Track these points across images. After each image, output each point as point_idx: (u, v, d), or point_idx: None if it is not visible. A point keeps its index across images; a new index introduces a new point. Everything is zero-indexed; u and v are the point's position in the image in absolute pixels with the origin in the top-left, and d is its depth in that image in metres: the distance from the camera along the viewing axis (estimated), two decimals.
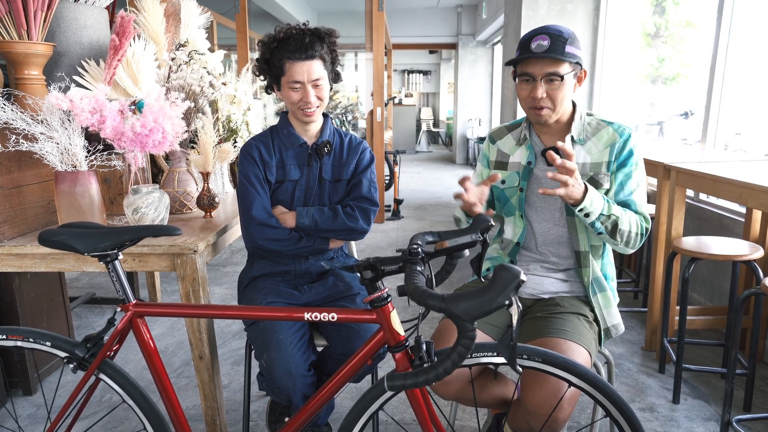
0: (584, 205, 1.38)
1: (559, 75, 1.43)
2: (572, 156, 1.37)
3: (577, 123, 1.55)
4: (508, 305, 0.85)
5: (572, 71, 1.46)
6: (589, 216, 1.41)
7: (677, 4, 5.78)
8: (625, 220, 1.45)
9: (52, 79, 1.82)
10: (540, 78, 1.45)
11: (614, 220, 1.43)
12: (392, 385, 0.98)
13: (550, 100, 1.47)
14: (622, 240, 1.46)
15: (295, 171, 1.72)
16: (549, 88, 1.46)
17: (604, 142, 1.53)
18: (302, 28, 1.62)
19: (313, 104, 1.62)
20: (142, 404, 1.30)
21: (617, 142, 1.51)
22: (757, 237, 2.54)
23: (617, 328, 1.57)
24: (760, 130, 3.60)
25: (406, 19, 9.96)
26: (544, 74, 1.44)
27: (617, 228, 1.44)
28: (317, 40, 1.60)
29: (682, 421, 2.08)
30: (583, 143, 1.55)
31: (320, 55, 1.61)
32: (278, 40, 1.60)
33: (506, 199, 1.64)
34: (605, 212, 1.42)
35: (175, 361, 2.60)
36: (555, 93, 1.46)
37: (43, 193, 1.80)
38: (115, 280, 1.26)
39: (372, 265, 1.11)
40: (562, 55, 1.42)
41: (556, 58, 1.42)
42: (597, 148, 1.53)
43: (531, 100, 1.49)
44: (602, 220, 1.43)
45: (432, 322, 2.92)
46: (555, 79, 1.44)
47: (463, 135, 10.54)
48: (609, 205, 1.43)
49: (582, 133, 1.55)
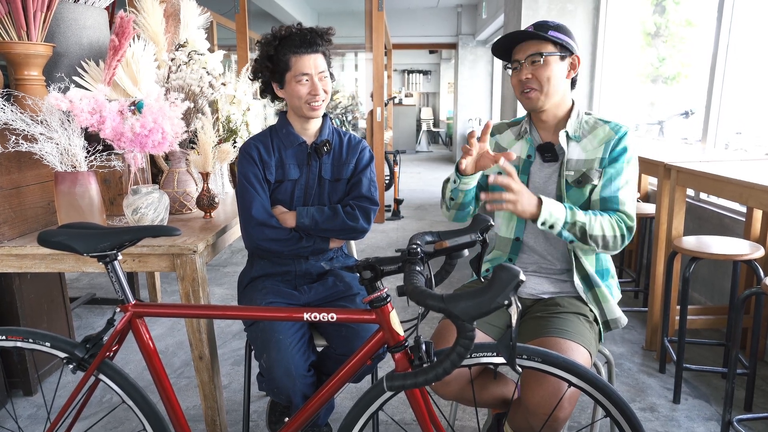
0: (543, 218, 1.40)
1: (539, 53, 1.48)
2: (512, 173, 1.39)
3: (574, 120, 1.56)
4: (507, 305, 0.85)
5: (557, 53, 1.49)
6: (553, 227, 1.42)
7: (677, 4, 5.78)
8: (596, 225, 1.44)
9: (52, 80, 1.82)
10: (524, 60, 1.50)
11: (581, 227, 1.43)
12: (391, 386, 0.98)
13: (536, 80, 1.50)
14: (598, 245, 1.46)
15: (295, 170, 1.72)
16: (533, 69, 1.50)
17: (600, 140, 1.53)
18: (300, 27, 1.65)
19: (320, 96, 1.64)
20: (141, 405, 1.30)
21: (612, 139, 1.52)
22: (757, 236, 2.54)
23: (618, 322, 1.55)
24: (760, 129, 3.60)
25: (406, 19, 9.96)
26: (527, 56, 1.50)
27: (587, 234, 1.44)
28: (317, 36, 1.64)
29: (682, 420, 2.08)
30: (578, 140, 1.55)
31: (323, 50, 1.66)
32: (280, 38, 1.62)
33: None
34: (569, 220, 1.42)
35: (176, 361, 2.60)
36: (539, 72, 1.49)
37: (42, 193, 1.80)
38: (115, 281, 1.26)
39: (371, 265, 1.11)
40: (544, 34, 1.47)
41: (538, 36, 1.48)
42: (592, 145, 1.54)
43: (519, 84, 1.53)
44: (568, 228, 1.43)
45: (432, 323, 2.92)
46: (537, 59, 1.48)
47: (463, 135, 10.53)
48: (572, 212, 1.43)
49: (578, 130, 1.56)
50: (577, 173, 1.53)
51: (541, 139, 1.61)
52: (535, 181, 1.59)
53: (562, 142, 1.55)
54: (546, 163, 1.58)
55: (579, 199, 1.54)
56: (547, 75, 1.49)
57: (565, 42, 1.48)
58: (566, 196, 1.54)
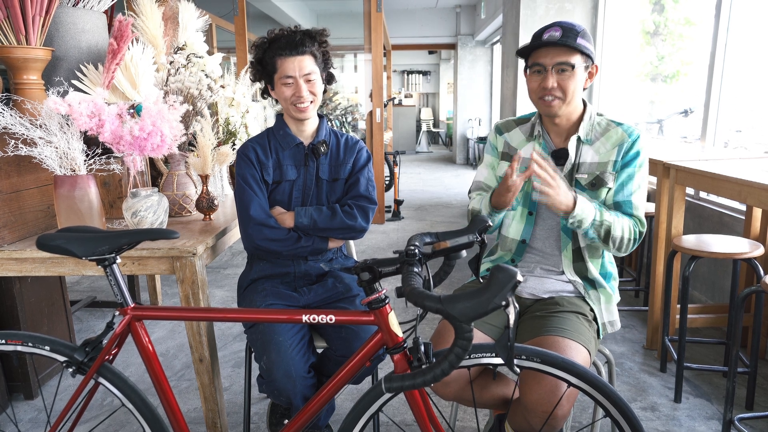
0: (575, 213, 1.40)
1: (570, 64, 1.44)
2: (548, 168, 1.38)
3: (586, 123, 1.55)
4: (504, 306, 0.85)
5: (584, 63, 1.47)
6: (581, 224, 1.43)
7: (676, 2, 5.78)
8: (618, 225, 1.46)
9: (51, 84, 1.83)
10: (551, 67, 1.46)
11: (607, 227, 1.45)
12: (390, 387, 0.98)
13: (560, 90, 1.47)
14: (614, 245, 1.48)
15: (292, 171, 1.72)
16: (560, 78, 1.46)
17: (613, 142, 1.53)
18: (293, 29, 1.66)
19: (305, 99, 1.64)
20: (141, 408, 1.30)
21: (625, 142, 1.51)
22: (757, 234, 2.53)
23: (612, 325, 1.58)
24: (760, 127, 3.60)
25: (405, 19, 9.96)
26: (555, 63, 1.45)
27: (610, 234, 1.45)
28: (307, 38, 1.64)
29: (684, 420, 2.08)
30: (590, 143, 1.55)
31: (311, 52, 1.64)
32: (270, 41, 1.64)
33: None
34: (597, 219, 1.44)
35: (176, 364, 2.60)
36: (566, 83, 1.46)
37: (42, 197, 1.81)
38: (113, 284, 1.26)
39: (369, 266, 1.11)
40: (574, 44, 1.42)
41: (568, 46, 1.43)
42: (605, 147, 1.53)
43: (541, 91, 1.49)
44: (595, 226, 1.44)
45: (433, 323, 2.92)
46: (566, 68, 1.44)
47: (463, 135, 10.53)
48: (601, 212, 1.44)
49: (590, 133, 1.55)
50: (591, 176, 1.53)
51: (553, 141, 1.60)
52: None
53: (572, 148, 1.54)
54: (559, 167, 1.57)
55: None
56: (573, 86, 1.47)
57: (591, 53, 1.46)
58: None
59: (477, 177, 1.74)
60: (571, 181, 1.55)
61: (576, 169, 1.54)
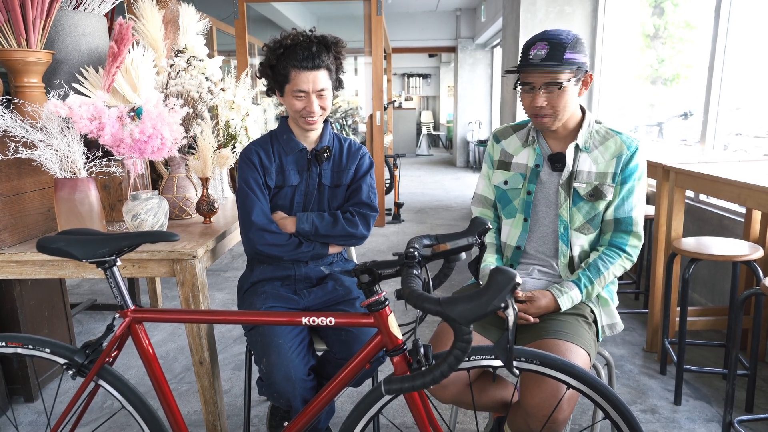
0: (564, 307, 1.50)
1: (557, 83, 1.43)
2: (529, 319, 1.49)
3: (585, 131, 1.55)
4: (503, 308, 0.85)
5: (573, 78, 1.45)
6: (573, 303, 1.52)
7: (676, 6, 5.79)
8: (608, 277, 1.53)
9: (52, 87, 1.83)
10: (539, 87, 1.45)
11: (598, 291, 1.54)
12: (389, 389, 0.98)
13: (551, 108, 1.47)
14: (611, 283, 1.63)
15: (295, 176, 1.72)
16: (549, 96, 1.45)
17: (611, 153, 1.52)
18: (309, 35, 1.60)
19: (315, 113, 1.62)
20: (141, 410, 1.30)
21: (624, 154, 1.51)
22: (756, 237, 2.54)
23: (613, 328, 1.59)
24: (759, 130, 3.60)
25: (406, 22, 9.98)
26: (542, 83, 1.44)
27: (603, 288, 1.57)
28: (324, 50, 1.59)
29: (683, 422, 2.07)
30: (588, 151, 1.54)
31: (326, 65, 1.60)
32: (284, 47, 1.58)
33: (508, 201, 1.64)
34: (585, 299, 1.53)
35: (177, 366, 2.60)
36: (555, 101, 1.45)
37: (42, 200, 1.81)
38: (114, 287, 1.27)
39: (369, 269, 1.11)
40: (560, 63, 1.41)
41: (552, 69, 1.41)
42: (604, 158, 1.53)
43: (532, 109, 1.49)
44: (586, 300, 1.54)
45: (432, 326, 2.92)
46: (553, 88, 1.44)
47: (463, 138, 10.54)
48: (587, 290, 1.51)
49: (588, 141, 1.55)
50: (589, 186, 1.53)
51: (550, 147, 1.59)
52: (545, 189, 1.59)
53: (569, 156, 1.54)
54: (555, 172, 1.57)
55: (590, 213, 1.54)
56: (563, 103, 1.46)
57: (581, 64, 1.44)
58: (576, 209, 1.54)
59: (476, 188, 1.75)
60: (570, 189, 1.55)
61: (574, 178, 1.54)
